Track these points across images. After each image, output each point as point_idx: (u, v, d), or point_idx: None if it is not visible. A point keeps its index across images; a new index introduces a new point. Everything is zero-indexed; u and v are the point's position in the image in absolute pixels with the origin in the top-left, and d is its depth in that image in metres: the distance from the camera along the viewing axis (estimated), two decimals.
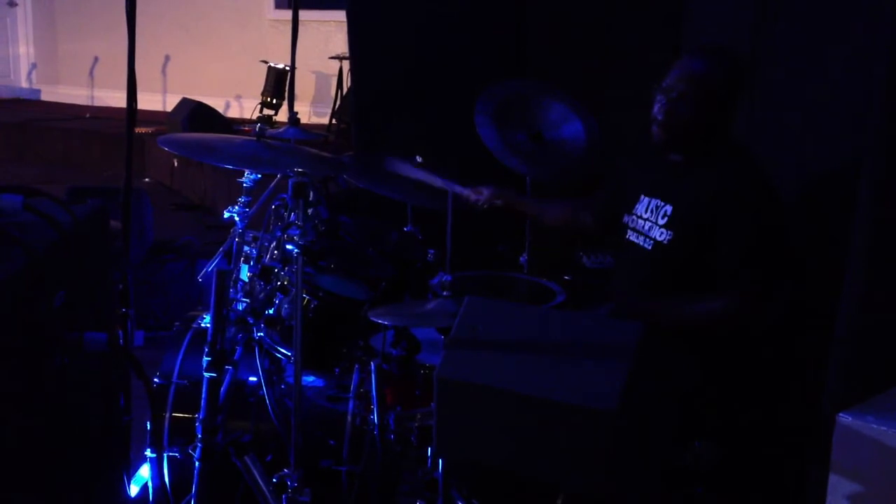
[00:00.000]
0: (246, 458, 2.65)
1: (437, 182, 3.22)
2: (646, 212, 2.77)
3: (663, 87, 2.68)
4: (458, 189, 3.23)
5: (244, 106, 9.18)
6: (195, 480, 2.41)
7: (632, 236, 2.81)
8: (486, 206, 3.23)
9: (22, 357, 1.82)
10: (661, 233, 2.68)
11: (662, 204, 2.71)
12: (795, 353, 2.76)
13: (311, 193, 2.76)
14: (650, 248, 2.72)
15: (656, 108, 2.69)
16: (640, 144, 2.85)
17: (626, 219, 2.85)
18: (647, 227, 2.74)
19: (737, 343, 2.62)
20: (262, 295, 2.86)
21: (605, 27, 4.24)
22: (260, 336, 2.82)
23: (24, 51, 10.90)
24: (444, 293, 2.63)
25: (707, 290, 2.59)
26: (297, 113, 3.34)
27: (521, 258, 3.70)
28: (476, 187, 3.24)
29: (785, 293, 2.72)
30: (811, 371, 2.42)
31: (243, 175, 3.06)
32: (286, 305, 2.78)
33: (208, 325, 2.35)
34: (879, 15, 2.41)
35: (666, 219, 2.68)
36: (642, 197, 2.81)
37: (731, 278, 2.55)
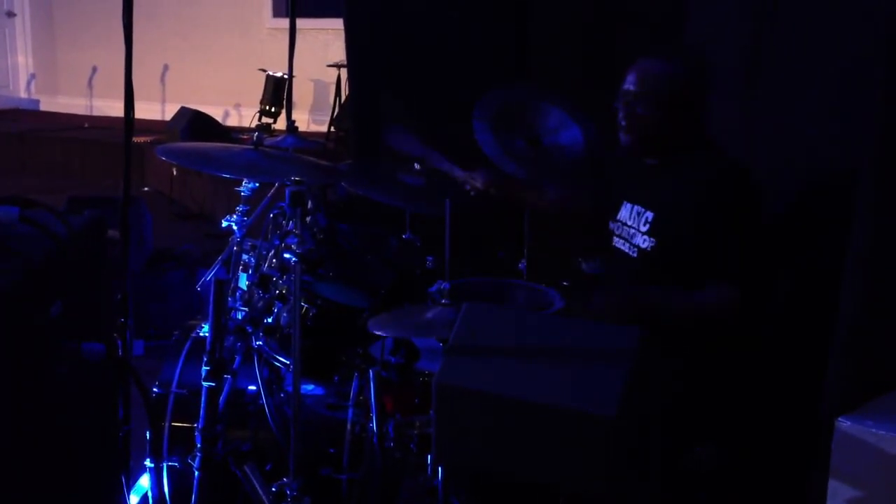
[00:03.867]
0: (245, 467, 2.65)
1: (433, 159, 3.20)
2: (629, 218, 2.78)
3: (621, 93, 2.72)
4: (456, 172, 3.22)
5: (243, 114, 9.19)
6: (195, 490, 2.41)
7: (618, 243, 2.82)
8: (480, 193, 3.21)
9: (19, 368, 1.82)
10: (644, 240, 2.69)
11: (644, 210, 2.72)
12: (795, 357, 2.75)
13: (310, 201, 2.76)
14: (635, 255, 2.72)
15: (620, 114, 2.73)
16: (619, 149, 2.86)
17: (611, 225, 2.86)
18: (630, 234, 2.76)
19: (736, 346, 2.62)
20: (260, 303, 2.86)
21: (606, 28, 4.24)
22: (259, 345, 2.82)
23: (23, 61, 10.92)
24: (443, 301, 2.63)
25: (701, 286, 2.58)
26: (295, 121, 3.35)
27: (519, 264, 3.70)
28: (470, 172, 3.22)
29: (780, 292, 2.72)
30: (811, 375, 2.41)
31: (241, 184, 3.06)
32: (285, 314, 2.78)
33: (207, 335, 2.35)
34: (879, 17, 2.41)
35: (648, 226, 2.69)
36: (625, 203, 2.82)
37: (720, 276, 2.55)
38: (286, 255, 2.59)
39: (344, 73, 7.69)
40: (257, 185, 3.10)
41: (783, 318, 2.79)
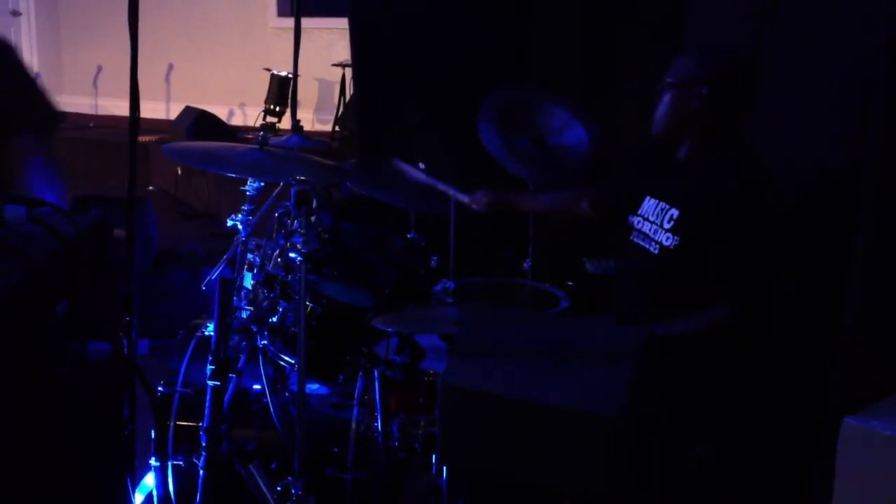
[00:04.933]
0: (250, 466, 2.66)
1: (439, 187, 3.22)
2: (651, 214, 2.76)
3: (660, 84, 2.74)
4: (460, 197, 3.23)
5: (248, 114, 9.19)
6: (199, 489, 2.41)
7: (637, 238, 2.80)
8: (484, 213, 3.24)
9: (24, 367, 1.83)
10: (668, 237, 2.67)
11: (668, 207, 2.71)
12: (800, 357, 2.75)
13: (314, 201, 2.77)
14: (657, 251, 2.70)
15: (655, 105, 2.76)
16: (645, 144, 2.86)
17: (630, 219, 2.84)
18: (652, 231, 2.74)
19: (740, 347, 2.62)
20: (265, 303, 2.87)
21: (606, 29, 4.25)
22: (264, 344, 2.82)
23: (28, 60, 10.92)
24: (448, 300, 2.63)
25: (708, 294, 2.58)
26: (299, 120, 3.36)
27: (524, 264, 3.70)
28: (474, 195, 3.24)
29: (783, 292, 2.72)
30: (816, 375, 2.41)
31: (246, 183, 3.07)
32: (290, 313, 2.78)
33: (212, 334, 2.35)
34: (879, 15, 2.41)
35: (672, 223, 2.67)
36: (648, 198, 2.80)
37: (723, 288, 2.55)
38: (291, 255, 2.59)
39: (348, 72, 7.70)
40: (262, 184, 3.11)
41: (786, 317, 2.79)
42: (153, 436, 2.80)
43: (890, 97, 2.05)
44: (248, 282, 3.02)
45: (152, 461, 2.82)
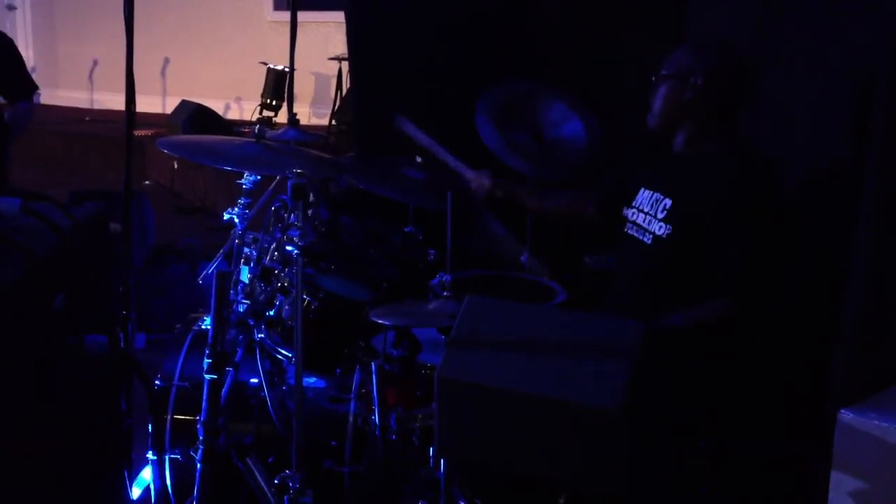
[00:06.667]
0: (248, 459, 2.66)
1: (441, 155, 3.20)
2: (646, 205, 2.77)
3: (654, 77, 2.75)
4: (462, 169, 3.21)
5: (244, 108, 9.18)
6: (197, 483, 2.41)
7: (631, 229, 2.81)
8: (485, 197, 3.21)
9: (22, 360, 1.82)
10: (660, 227, 2.68)
11: (662, 197, 2.72)
12: (798, 351, 2.76)
13: (311, 194, 2.76)
14: (649, 241, 2.71)
15: (651, 96, 2.77)
16: (643, 139, 2.86)
17: (625, 211, 2.85)
18: (646, 221, 2.75)
19: (739, 341, 2.62)
20: (262, 296, 2.86)
21: (606, 28, 4.24)
22: (261, 337, 2.82)
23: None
24: (445, 293, 2.63)
25: (704, 284, 2.58)
26: (296, 114, 3.34)
27: (521, 258, 3.69)
28: (479, 171, 3.22)
29: (785, 286, 2.72)
30: (813, 368, 2.41)
31: (243, 177, 3.06)
32: (287, 307, 2.78)
33: (209, 327, 2.35)
34: (881, 15, 2.41)
35: (665, 213, 2.68)
36: (642, 190, 2.81)
37: (724, 282, 2.55)
38: (288, 248, 2.59)
39: (345, 66, 7.69)
40: (259, 177, 3.10)
41: (788, 312, 2.79)
42: (150, 429, 2.79)
43: (892, 95, 2.05)
44: (245, 275, 3.01)
45: (150, 455, 2.81)
